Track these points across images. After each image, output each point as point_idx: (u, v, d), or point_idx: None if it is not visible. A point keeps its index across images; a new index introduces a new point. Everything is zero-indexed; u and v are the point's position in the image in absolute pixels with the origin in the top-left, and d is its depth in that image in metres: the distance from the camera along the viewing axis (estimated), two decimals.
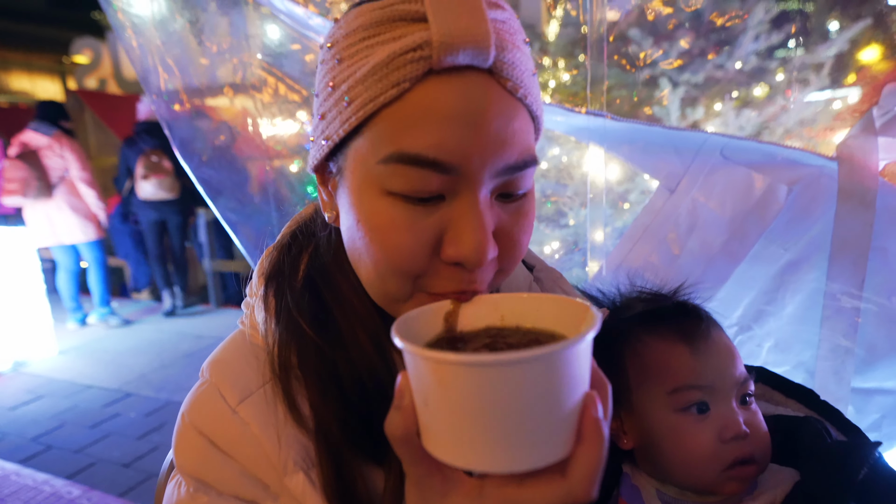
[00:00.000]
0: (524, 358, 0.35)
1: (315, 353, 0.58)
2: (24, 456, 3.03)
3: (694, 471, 0.64)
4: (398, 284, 0.53)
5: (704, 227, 1.35)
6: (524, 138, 0.50)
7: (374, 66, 0.47)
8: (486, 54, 0.46)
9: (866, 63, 1.57)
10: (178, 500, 0.57)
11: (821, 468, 0.62)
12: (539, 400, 0.37)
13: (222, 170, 1.81)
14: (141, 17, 1.75)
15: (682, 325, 0.69)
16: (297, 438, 0.57)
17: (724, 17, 1.63)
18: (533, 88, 0.52)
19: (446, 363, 0.37)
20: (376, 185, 0.50)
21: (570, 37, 2.68)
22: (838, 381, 1.25)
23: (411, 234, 0.50)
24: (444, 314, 0.48)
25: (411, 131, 0.47)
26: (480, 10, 0.46)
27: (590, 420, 0.38)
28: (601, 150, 1.59)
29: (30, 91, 16.79)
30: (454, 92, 0.47)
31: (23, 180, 4.40)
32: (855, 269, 1.20)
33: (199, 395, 0.60)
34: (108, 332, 5.02)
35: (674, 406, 0.65)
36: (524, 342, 0.44)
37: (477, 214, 0.49)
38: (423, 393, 0.40)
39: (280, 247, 0.66)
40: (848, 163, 1.19)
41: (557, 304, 0.46)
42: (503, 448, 0.37)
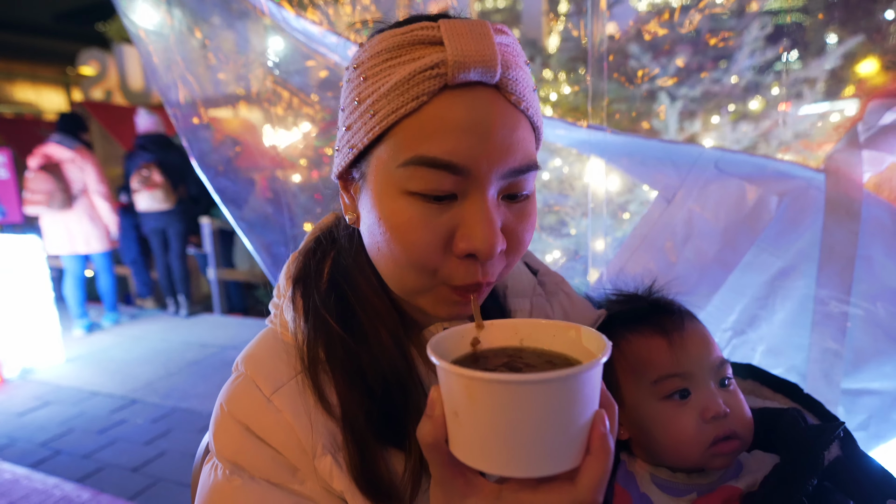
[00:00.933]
0: (546, 379, 0.41)
1: (342, 347, 0.64)
2: (33, 461, 3.07)
3: (682, 451, 0.71)
4: (416, 278, 0.59)
5: (700, 237, 1.41)
6: (526, 146, 0.57)
7: (396, 82, 0.54)
8: (494, 72, 0.53)
9: (864, 76, 1.63)
10: (214, 481, 0.62)
11: (794, 450, 0.69)
12: (556, 415, 0.42)
13: (237, 180, 1.87)
14: (160, 33, 1.83)
15: (659, 320, 0.77)
16: (325, 425, 0.63)
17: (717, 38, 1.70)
18: (534, 102, 0.59)
19: (477, 380, 0.42)
20: (396, 186, 0.56)
21: (571, 52, 2.76)
22: (828, 382, 1.31)
23: (427, 231, 0.56)
24: (470, 336, 0.54)
25: (428, 139, 0.54)
26: (489, 36, 0.54)
27: (598, 435, 0.44)
28: (602, 163, 1.66)
29: (35, 102, 16.93)
30: (465, 104, 0.54)
31: (48, 192, 4.64)
32: (842, 275, 1.26)
33: (236, 387, 0.65)
34: (114, 341, 5.07)
35: (658, 395, 0.72)
36: (539, 362, 0.50)
37: (486, 212, 0.55)
38: (453, 405, 0.45)
39: (305, 252, 0.72)
40: (834, 175, 1.25)
41: (571, 330, 0.51)
42: (522, 456, 0.43)
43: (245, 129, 1.92)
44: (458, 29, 0.54)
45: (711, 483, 0.72)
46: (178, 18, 1.81)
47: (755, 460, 0.73)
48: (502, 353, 0.52)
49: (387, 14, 1.76)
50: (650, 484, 0.74)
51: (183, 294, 5.63)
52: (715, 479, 0.72)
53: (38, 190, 4.65)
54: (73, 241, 4.92)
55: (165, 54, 1.82)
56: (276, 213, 1.88)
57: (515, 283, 0.81)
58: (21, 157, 7.39)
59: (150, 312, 5.99)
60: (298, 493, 0.61)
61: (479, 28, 0.54)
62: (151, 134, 5.19)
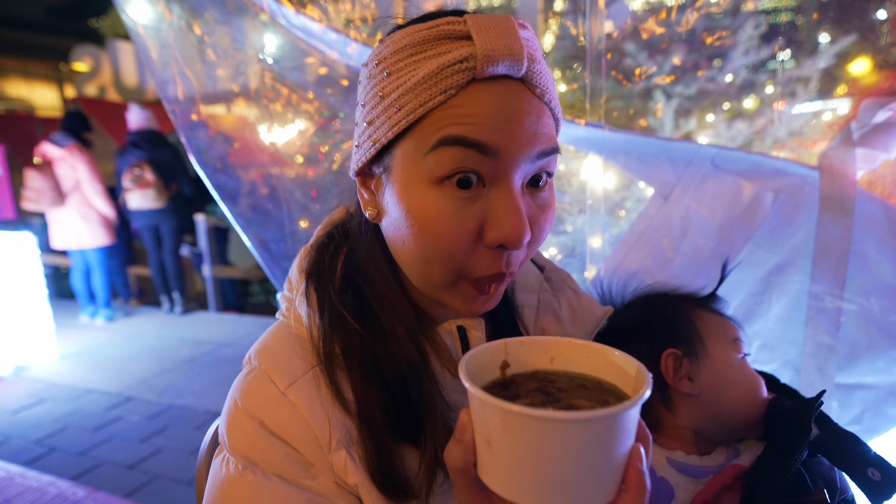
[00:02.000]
0: (588, 418, 0.40)
1: (359, 343, 0.64)
2: (27, 458, 3.05)
3: (755, 406, 0.79)
4: (442, 271, 0.59)
5: (696, 233, 1.43)
6: (550, 132, 0.58)
7: (424, 76, 0.55)
8: (521, 66, 0.55)
9: (856, 75, 1.65)
10: (226, 476, 0.62)
11: (782, 428, 0.75)
12: (594, 452, 0.41)
13: (236, 177, 1.87)
14: (159, 30, 1.82)
15: (716, 305, 0.88)
16: (340, 420, 0.63)
17: (713, 37, 1.72)
18: (555, 94, 0.60)
19: (515, 414, 0.41)
20: (425, 177, 0.56)
21: (567, 49, 2.77)
22: (822, 377, 1.33)
23: (457, 223, 0.56)
24: (499, 358, 0.52)
25: (456, 123, 0.54)
26: (515, 30, 0.55)
27: (635, 472, 0.43)
28: (599, 160, 1.67)
29: (27, 98, 16.80)
30: (493, 95, 0.55)
31: (38, 190, 4.84)
32: (836, 271, 1.28)
33: (249, 381, 0.65)
34: (108, 338, 5.06)
35: (737, 350, 0.81)
36: (572, 387, 0.49)
37: (515, 201, 0.56)
38: (486, 433, 0.44)
39: (317, 246, 0.72)
40: (828, 172, 1.27)
41: (604, 353, 0.51)
42: (556, 491, 0.42)
43: (243, 125, 1.92)
44: (485, 23, 0.55)
45: (721, 464, 0.76)
46: (176, 14, 1.80)
47: (748, 444, 0.79)
48: (533, 378, 0.51)
49: (386, 11, 1.77)
50: (668, 468, 0.76)
51: (177, 291, 5.62)
52: (723, 460, 0.77)
53: (30, 188, 4.85)
54: (70, 235, 5.11)
55: (164, 50, 1.81)
56: (275, 210, 1.88)
57: (523, 278, 0.81)
58: (14, 154, 7.35)
59: (144, 309, 5.97)
60: (310, 489, 0.61)
61: (505, 23, 0.55)
62: (143, 131, 5.18)
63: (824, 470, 0.74)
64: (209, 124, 1.87)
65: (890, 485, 0.70)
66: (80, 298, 5.49)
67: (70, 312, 5.71)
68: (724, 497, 0.73)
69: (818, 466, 0.74)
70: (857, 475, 0.71)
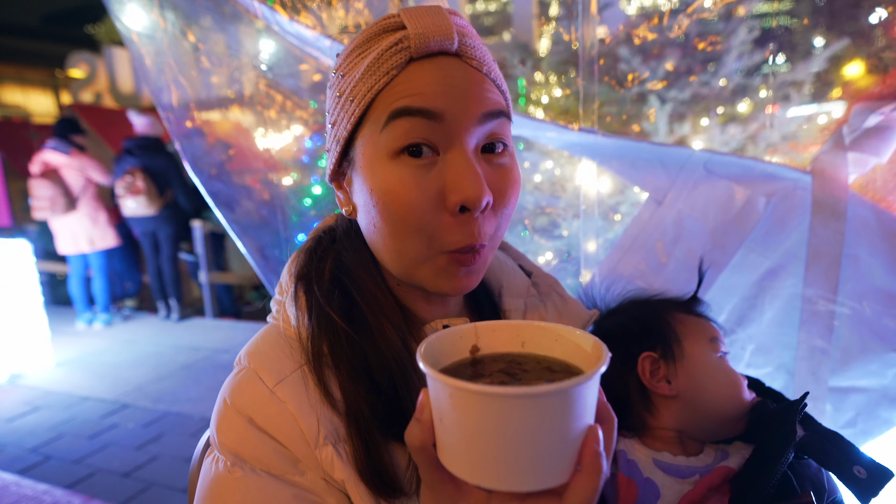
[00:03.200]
0: (531, 393, 0.39)
1: (346, 342, 0.65)
2: (22, 466, 3.04)
3: (734, 403, 0.79)
4: (414, 245, 0.62)
5: (689, 237, 1.43)
6: (494, 97, 0.62)
7: (367, 65, 0.61)
8: (452, 40, 0.60)
9: (850, 79, 1.66)
10: (216, 473, 0.63)
11: (767, 430, 0.76)
12: (543, 430, 0.40)
13: (231, 183, 1.87)
14: (152, 36, 1.83)
15: (697, 308, 0.89)
16: (327, 416, 0.64)
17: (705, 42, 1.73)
18: (494, 68, 0.65)
19: (460, 390, 0.40)
20: (382, 154, 0.61)
21: (562, 55, 2.78)
22: (816, 380, 1.33)
23: (419, 190, 0.59)
24: (469, 341, 0.52)
25: (402, 98, 0.59)
26: (444, 13, 0.61)
27: (590, 452, 0.42)
28: (593, 165, 1.67)
29: (23, 105, 16.77)
30: (432, 69, 0.60)
31: (51, 198, 4.90)
32: (829, 275, 1.29)
33: (239, 380, 0.67)
34: (104, 345, 5.04)
35: (715, 350, 0.82)
36: (538, 369, 0.48)
37: (468, 162, 0.59)
38: (439, 412, 0.44)
39: (306, 250, 0.74)
40: (820, 176, 1.28)
41: (573, 336, 0.50)
42: (506, 469, 0.41)
43: (238, 132, 1.92)
44: (415, 10, 0.61)
45: (709, 465, 0.76)
46: (170, 21, 1.80)
47: (736, 447, 0.79)
48: (501, 360, 0.51)
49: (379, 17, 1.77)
50: (654, 469, 0.76)
51: (174, 298, 5.61)
52: (711, 461, 0.77)
53: (41, 196, 4.89)
54: (76, 241, 5.16)
55: (158, 57, 1.81)
56: (270, 216, 1.88)
57: (510, 283, 0.82)
58: (9, 161, 7.33)
59: (140, 316, 5.96)
60: (298, 485, 0.62)
61: (434, 8, 0.61)
62: (139, 138, 5.21)
63: (811, 472, 0.75)
64: (204, 131, 1.87)
65: (876, 482, 0.70)
66: (78, 304, 5.49)
67: (66, 319, 5.69)
68: (711, 498, 0.73)
69: (805, 468, 0.75)
70: (843, 474, 0.72)
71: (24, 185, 5.67)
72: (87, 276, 5.46)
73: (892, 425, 1.31)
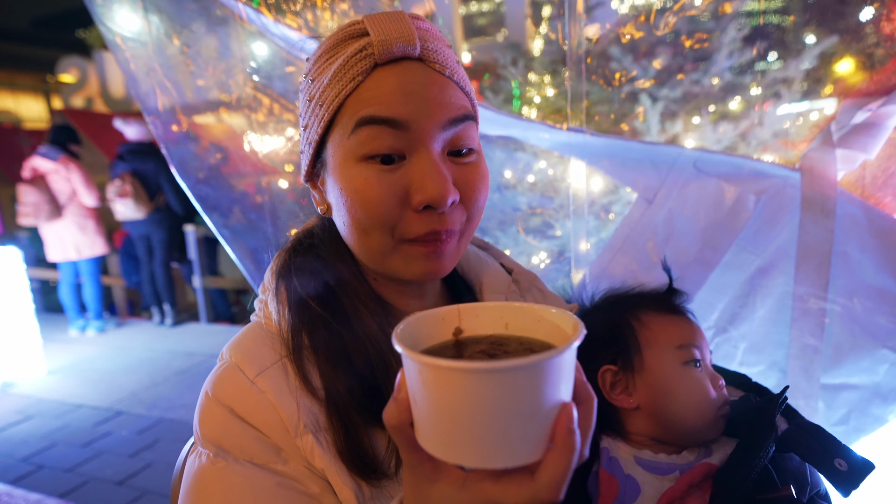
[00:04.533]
0: (500, 367, 0.38)
1: (324, 328, 0.67)
2: (14, 476, 3.00)
3: (702, 412, 0.77)
4: (379, 238, 0.65)
5: (680, 236, 1.43)
6: (458, 101, 0.64)
7: (334, 71, 0.63)
8: (414, 46, 0.62)
9: (840, 75, 1.66)
10: (199, 467, 0.64)
11: (751, 425, 0.76)
12: (513, 406, 0.40)
13: (219, 187, 1.86)
14: (138, 40, 1.81)
15: (673, 303, 0.85)
16: (307, 406, 0.65)
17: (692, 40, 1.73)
18: (458, 71, 0.66)
19: (429, 366, 0.40)
20: (351, 155, 0.63)
21: (553, 55, 2.78)
22: (808, 378, 1.33)
23: (383, 188, 0.62)
24: (452, 323, 0.52)
25: (369, 105, 0.61)
26: (406, 19, 0.63)
27: (563, 429, 0.41)
28: (583, 165, 1.67)
29: (14, 110, 16.67)
30: (396, 75, 0.62)
31: (35, 205, 4.86)
32: (819, 272, 1.28)
33: (220, 373, 0.68)
34: (97, 352, 5.01)
35: (681, 359, 0.79)
36: (519, 350, 0.47)
37: (433, 163, 0.62)
38: (413, 390, 0.44)
39: (288, 249, 0.77)
40: (809, 174, 1.28)
41: (554, 316, 0.49)
42: (477, 446, 0.41)
43: (226, 135, 1.90)
44: (378, 17, 0.62)
45: (690, 462, 0.76)
46: (155, 25, 1.78)
47: (721, 443, 0.79)
48: (484, 341, 0.50)
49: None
50: (635, 466, 0.76)
51: (168, 303, 5.58)
52: (693, 458, 0.76)
53: (26, 202, 4.87)
54: (64, 248, 5.13)
55: (143, 61, 1.79)
56: (259, 220, 1.86)
57: (491, 280, 0.84)
58: (0, 167, 7.28)
59: (134, 322, 5.92)
60: (282, 473, 0.63)
61: (396, 14, 0.63)
62: (131, 143, 5.19)
63: (794, 465, 0.75)
64: (190, 135, 1.86)
65: (857, 474, 0.70)
66: (69, 312, 5.46)
67: (58, 326, 5.65)
68: (692, 495, 0.73)
69: (788, 462, 0.75)
70: (823, 467, 0.72)
71: (14, 192, 5.63)
72: (79, 283, 5.42)
73: (884, 422, 1.31)
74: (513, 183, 2.13)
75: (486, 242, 0.93)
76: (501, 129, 1.70)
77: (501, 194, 2.09)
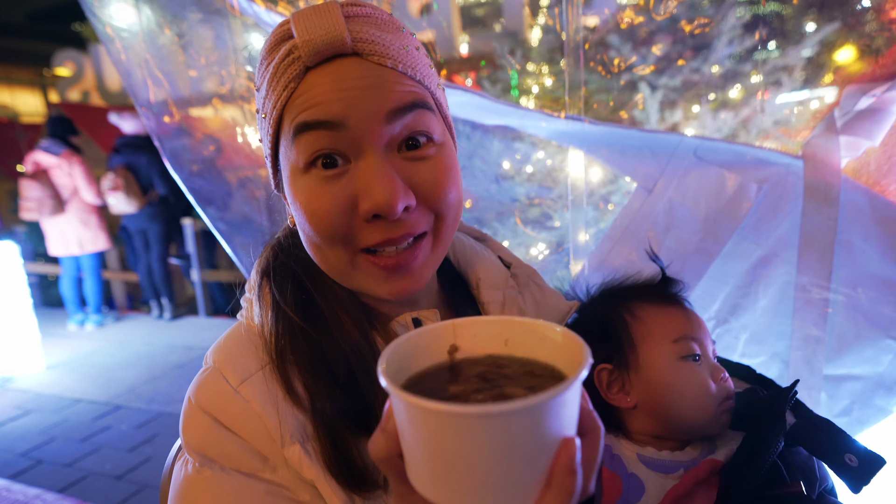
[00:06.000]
0: (494, 412, 0.34)
1: (303, 337, 0.64)
2: (13, 471, 3.00)
3: (701, 408, 0.74)
4: (333, 251, 0.61)
5: (681, 226, 1.40)
6: (402, 89, 0.58)
7: (268, 80, 0.59)
8: (343, 41, 0.56)
9: (841, 64, 1.63)
10: (185, 476, 0.62)
11: (758, 419, 0.73)
12: (508, 451, 0.36)
13: (212, 180, 1.83)
14: (129, 31, 1.78)
15: (670, 293, 0.82)
16: (293, 415, 0.63)
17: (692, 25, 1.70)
18: (406, 58, 0.60)
19: (414, 406, 0.36)
20: (296, 168, 0.60)
21: (551, 43, 2.75)
22: (810, 369, 1.31)
23: (328, 197, 0.59)
24: (447, 340, 0.47)
25: (304, 111, 0.57)
26: (334, 11, 0.57)
27: (561, 468, 0.38)
28: (581, 154, 1.64)
29: (10, 105, 16.58)
30: (328, 75, 0.57)
31: (38, 200, 4.88)
32: (822, 262, 1.26)
33: (203, 380, 0.66)
34: (96, 346, 5.00)
35: (678, 354, 0.76)
36: (520, 374, 0.43)
37: (380, 167, 0.57)
38: (401, 426, 0.41)
39: (272, 246, 0.74)
40: (812, 161, 1.25)
41: (559, 335, 0.45)
42: (469, 492, 0.37)
43: (219, 127, 1.88)
44: (304, 15, 0.57)
45: (694, 459, 0.74)
46: (146, 15, 1.75)
47: (726, 437, 0.77)
48: (481, 363, 0.46)
49: None
50: (638, 464, 0.75)
51: (166, 297, 5.56)
52: (697, 454, 0.75)
53: (29, 197, 4.87)
54: (67, 243, 5.14)
55: (134, 52, 1.77)
56: (254, 213, 1.84)
57: (488, 275, 0.81)
58: None
59: (133, 316, 5.91)
60: (270, 481, 0.61)
61: (324, 8, 0.57)
62: (127, 136, 5.15)
63: (802, 460, 0.73)
64: (183, 127, 1.83)
65: (868, 470, 0.68)
66: (70, 305, 5.46)
67: (57, 321, 5.64)
68: (698, 492, 0.71)
69: (795, 457, 0.73)
70: (833, 462, 0.70)
71: (11, 187, 5.61)
72: (79, 278, 5.41)
73: (888, 413, 1.29)
74: (511, 174, 2.11)
75: (484, 234, 0.90)
76: (499, 118, 1.67)
77: (499, 185, 2.06)
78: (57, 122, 5.21)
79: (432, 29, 4.03)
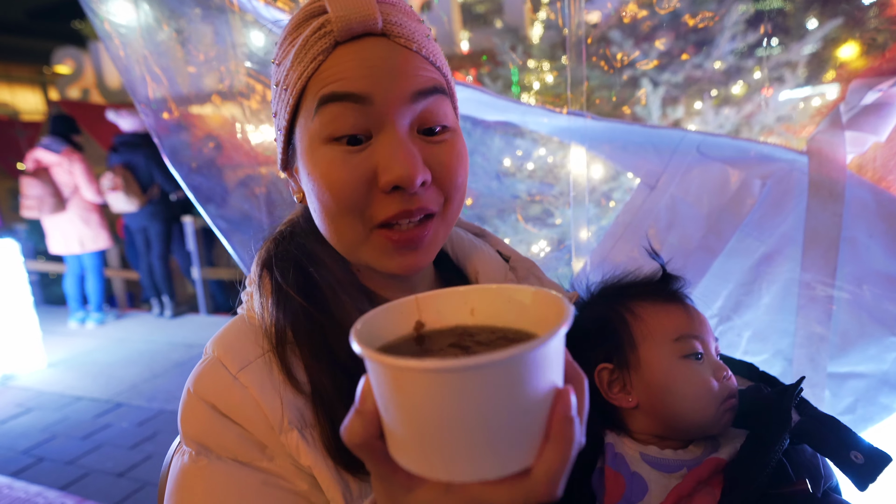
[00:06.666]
0: (487, 362, 0.33)
1: (305, 318, 0.65)
2: (15, 469, 3.01)
3: (702, 407, 0.73)
4: (349, 224, 0.63)
5: (683, 223, 1.39)
6: (426, 73, 0.61)
7: (295, 52, 0.61)
8: (375, 20, 0.59)
9: (844, 60, 1.62)
10: (182, 466, 0.62)
11: (763, 416, 0.72)
12: (504, 405, 0.35)
13: (212, 177, 1.82)
14: (127, 27, 1.76)
15: (671, 291, 0.81)
16: (292, 402, 0.62)
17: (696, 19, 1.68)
18: (428, 46, 0.63)
19: (404, 370, 0.35)
20: (317, 139, 0.61)
21: (553, 39, 2.73)
22: (814, 367, 1.30)
23: (348, 169, 0.60)
24: (412, 314, 0.45)
25: (330, 84, 0.59)
26: None
27: (559, 419, 0.37)
28: (583, 150, 1.63)
29: (10, 102, 16.57)
30: (357, 52, 0.59)
31: (39, 198, 4.87)
32: (827, 258, 1.25)
33: (202, 369, 0.66)
34: (97, 344, 5.00)
35: (679, 352, 0.75)
36: (492, 340, 0.41)
37: (400, 141, 0.59)
38: (383, 399, 0.38)
39: (272, 238, 0.74)
40: (817, 157, 1.24)
41: (528, 296, 0.43)
42: (467, 457, 0.36)
43: (219, 124, 1.86)
44: None
45: (698, 457, 0.73)
46: (145, 11, 1.74)
47: (729, 436, 0.76)
48: (450, 333, 0.44)
49: None
50: (641, 463, 0.74)
51: (166, 294, 5.56)
52: (700, 453, 0.74)
53: (29, 195, 4.86)
54: (68, 241, 5.12)
55: (133, 48, 1.75)
56: (254, 210, 1.83)
57: (488, 269, 0.81)
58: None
59: (133, 314, 5.91)
60: (267, 470, 0.61)
61: None
62: (125, 134, 5.14)
63: (806, 458, 0.72)
64: (182, 124, 1.82)
65: (874, 467, 0.67)
66: (72, 303, 5.45)
67: (58, 319, 5.64)
68: (701, 491, 0.70)
69: (800, 455, 0.72)
70: (839, 460, 0.69)
71: (12, 184, 5.61)
72: (82, 275, 5.41)
73: (892, 411, 1.28)
74: (512, 170, 2.10)
75: (483, 229, 0.90)
76: (500, 114, 1.66)
77: (500, 182, 2.05)
78: (58, 119, 5.21)
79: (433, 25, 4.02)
